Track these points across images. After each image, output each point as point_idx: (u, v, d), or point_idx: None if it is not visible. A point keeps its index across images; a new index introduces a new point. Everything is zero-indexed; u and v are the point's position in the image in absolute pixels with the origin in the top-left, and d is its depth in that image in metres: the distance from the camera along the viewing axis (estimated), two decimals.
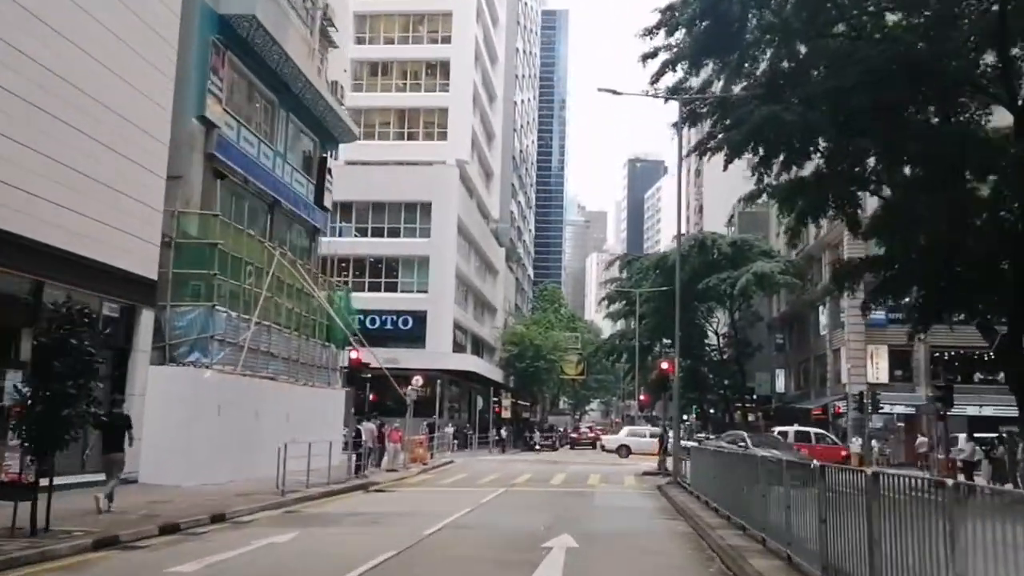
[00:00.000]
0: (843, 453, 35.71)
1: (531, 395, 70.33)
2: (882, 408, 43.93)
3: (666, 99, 24.73)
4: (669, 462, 24.56)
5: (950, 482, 5.42)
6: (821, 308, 51.68)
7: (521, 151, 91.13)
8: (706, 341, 60.54)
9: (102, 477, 13.26)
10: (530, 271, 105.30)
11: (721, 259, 53.81)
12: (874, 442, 42.06)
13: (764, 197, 31.72)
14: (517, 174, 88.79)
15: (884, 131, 22.08)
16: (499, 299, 66.35)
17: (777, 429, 41.69)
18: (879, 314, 45.60)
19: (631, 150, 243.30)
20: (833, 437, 40.72)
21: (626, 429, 51.40)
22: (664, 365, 24.50)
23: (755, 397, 61.78)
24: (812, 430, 40.04)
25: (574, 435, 63.00)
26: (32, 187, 13.56)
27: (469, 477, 23.90)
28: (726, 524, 11.68)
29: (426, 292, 47.03)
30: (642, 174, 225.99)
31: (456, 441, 44.68)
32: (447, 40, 53.79)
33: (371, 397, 44.45)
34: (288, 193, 25.18)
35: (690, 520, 12.87)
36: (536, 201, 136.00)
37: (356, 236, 48.38)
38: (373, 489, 19.84)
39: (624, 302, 59.40)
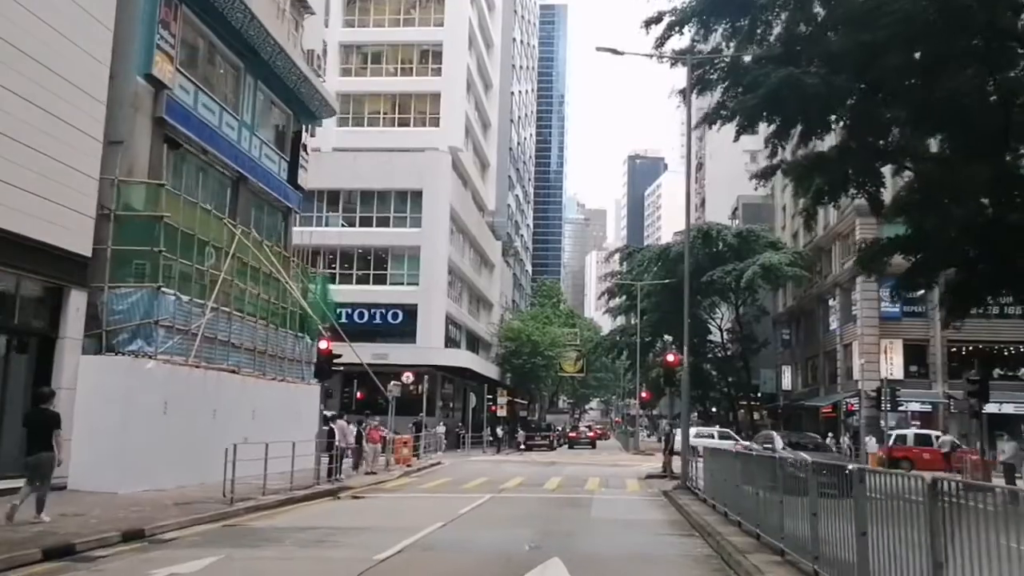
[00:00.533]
0: None
1: (528, 393, 68.04)
2: (898, 405, 41.73)
3: (673, 63, 22.47)
4: (676, 463, 22.32)
5: None
6: (831, 301, 49.44)
7: (519, 143, 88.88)
8: (709, 337, 58.31)
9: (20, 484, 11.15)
10: (528, 267, 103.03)
11: (726, 251, 51.56)
12: (870, 438, 39.80)
13: (773, 180, 29.44)
14: (515, 167, 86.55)
15: (918, 94, 19.86)
16: (495, 294, 64.08)
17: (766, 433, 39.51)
18: (893, 307, 43.47)
19: (631, 146, 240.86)
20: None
21: (693, 430, 47.38)
22: (670, 358, 22.22)
23: (759, 395, 59.58)
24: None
25: (572, 434, 60.77)
26: None
27: (454, 481, 21.63)
28: (756, 545, 9.39)
29: (417, 285, 44.76)
30: (642, 171, 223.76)
31: (447, 441, 42.51)
32: (440, 23, 51.56)
33: (358, 395, 42.28)
34: (256, 169, 22.89)
35: (710, 538, 10.59)
36: (535, 198, 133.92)
37: (344, 226, 46.15)
38: (344, 495, 17.58)
39: (625, 297, 57.14)
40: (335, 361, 19.73)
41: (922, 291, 42.83)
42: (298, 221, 47.21)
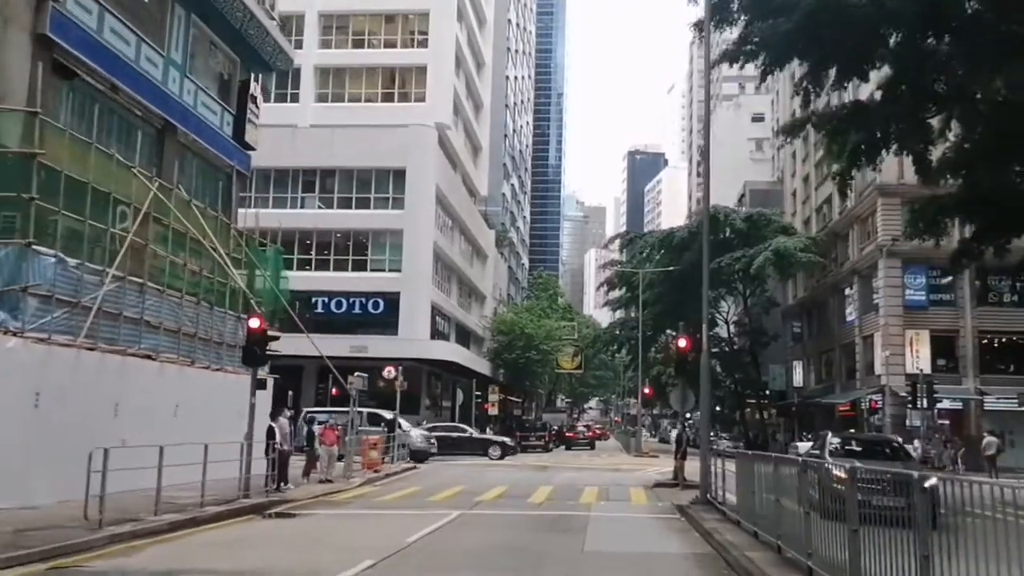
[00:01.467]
0: None
1: (524, 391, 64.30)
2: (936, 402, 38.10)
3: None
4: (687, 468, 18.70)
5: None
6: (847, 290, 45.77)
7: (514, 130, 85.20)
8: (715, 331, 54.66)
9: None
10: (525, 261, 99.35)
11: (733, 238, 47.89)
12: (916, 443, 36.16)
13: (782, 166, 25.69)
14: (510, 155, 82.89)
15: (989, 22, 16.23)
16: (488, 286, 60.40)
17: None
18: (919, 294, 39.80)
19: (630, 143, 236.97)
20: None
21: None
22: (682, 343, 18.55)
23: (767, 392, 55.88)
24: None
25: (570, 434, 57.07)
26: None
27: (423, 491, 17.96)
28: None
29: (399, 271, 41.08)
30: (642, 167, 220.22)
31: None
32: None
33: (332, 391, 38.50)
34: (189, 118, 19.20)
35: None
36: (533, 194, 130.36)
37: (320, 208, 42.50)
38: (274, 512, 13.93)
39: (625, 288, 53.40)
40: (267, 341, 15.96)
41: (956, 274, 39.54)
42: (271, 202, 43.98)
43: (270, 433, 16.90)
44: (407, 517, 13.42)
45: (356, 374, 22.49)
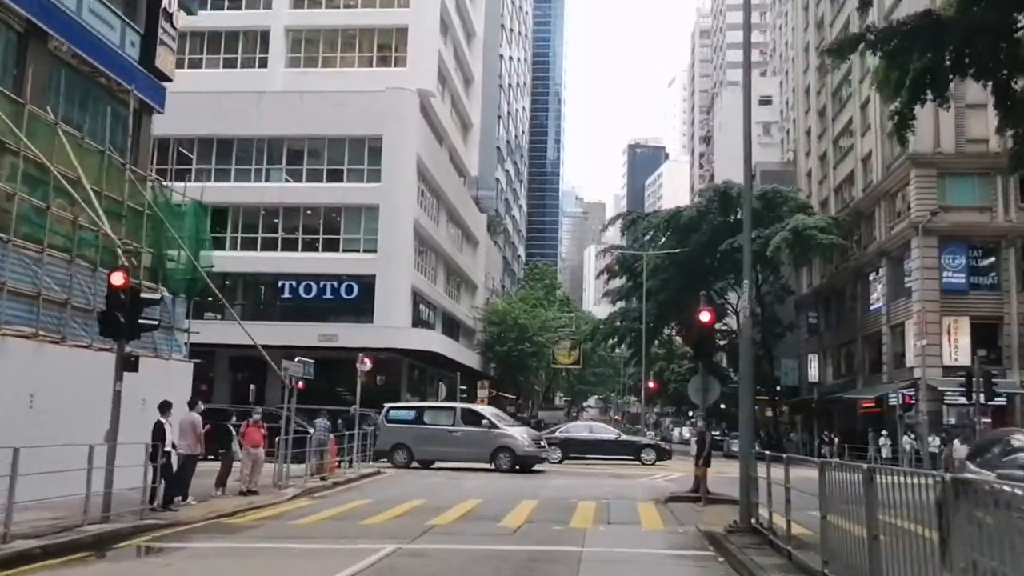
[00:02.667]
0: None
1: (517, 387, 59.94)
2: (954, 398, 33.88)
3: None
4: (709, 476, 14.40)
5: None
6: (872, 276, 41.46)
7: (509, 113, 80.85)
8: (724, 321, 50.42)
9: None
10: (521, 252, 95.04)
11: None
12: (956, 442, 31.88)
13: (794, 146, 21.35)
14: (505, 139, 78.59)
15: None
16: (479, 274, 56.09)
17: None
18: (958, 276, 35.47)
19: (629, 138, 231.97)
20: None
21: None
22: (703, 316, 14.25)
23: (779, 388, 51.59)
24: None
25: None
26: None
27: (367, 508, 13.68)
28: None
29: (375, 252, 36.74)
30: (642, 161, 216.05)
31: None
32: None
33: (299, 384, 34.09)
34: (69, 25, 14.85)
35: None
36: (531, 188, 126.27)
37: (287, 181, 38.17)
38: (143, 541, 9.69)
39: (627, 275, 49.08)
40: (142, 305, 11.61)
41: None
42: (234, 175, 39.70)
43: (157, 432, 12.62)
44: (316, 555, 9.16)
45: (298, 359, 18.20)
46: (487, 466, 23.13)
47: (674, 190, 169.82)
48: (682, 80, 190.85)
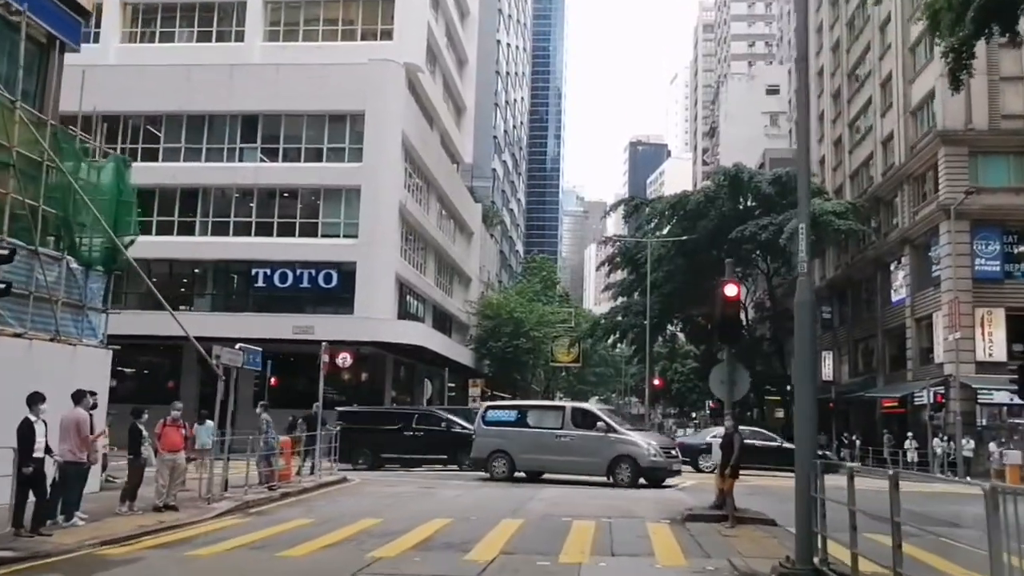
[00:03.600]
0: None
1: (514, 386, 56.88)
2: (988, 396, 30.97)
3: None
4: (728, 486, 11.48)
5: None
6: (894, 265, 38.50)
7: (507, 102, 77.95)
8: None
9: None
10: (519, 247, 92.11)
11: (755, 207, 40.61)
12: (992, 445, 29.00)
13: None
14: (503, 129, 75.73)
15: None
16: (473, 267, 53.16)
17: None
18: (992, 264, 32.49)
19: (630, 137, 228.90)
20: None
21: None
22: (729, 290, 11.33)
23: (791, 387, 48.54)
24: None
25: None
26: None
27: (306, 530, 10.73)
28: None
29: (356, 237, 33.81)
30: (644, 159, 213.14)
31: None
32: None
33: (271, 380, 31.10)
34: None
35: None
36: (532, 186, 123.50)
37: (263, 160, 35.24)
38: None
39: (629, 268, 46.05)
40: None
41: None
42: (205, 155, 36.81)
43: (24, 434, 9.69)
44: None
45: (239, 346, 15.25)
46: (603, 479, 19.01)
47: (676, 187, 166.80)
48: (684, 77, 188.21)
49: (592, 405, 26.27)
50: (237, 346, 15.08)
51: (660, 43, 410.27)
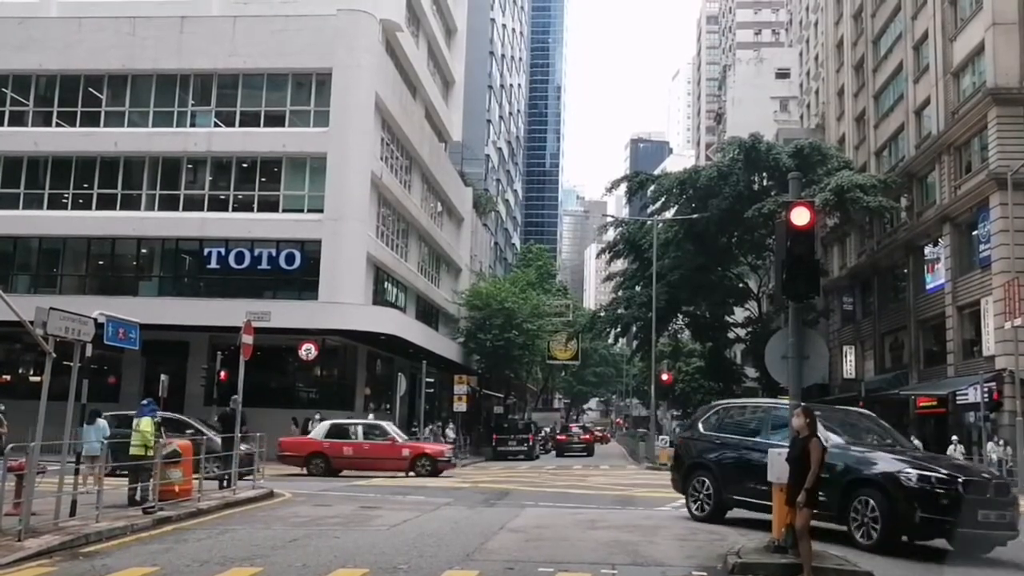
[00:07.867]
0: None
1: (507, 384, 52.63)
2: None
3: None
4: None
5: None
6: (928, 249, 34.27)
7: (502, 86, 73.76)
8: (745, 306, 43.28)
9: None
10: (516, 240, 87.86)
11: (772, 185, 36.39)
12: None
13: (826, 109, 15.50)
14: (498, 114, 71.57)
15: None
16: (463, 254, 48.96)
17: None
18: None
19: (631, 134, 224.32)
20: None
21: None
22: (799, 216, 7.18)
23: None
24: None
25: (561, 437, 45.71)
26: None
27: None
28: None
29: (321, 211, 29.61)
30: (644, 156, 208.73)
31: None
32: None
33: (220, 374, 26.83)
34: None
35: None
36: (531, 184, 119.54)
37: (217, 125, 31.07)
38: None
39: (632, 256, 41.77)
40: None
41: None
42: (152, 119, 32.52)
43: None
44: None
45: (97, 312, 11.00)
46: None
47: None
48: (686, 73, 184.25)
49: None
50: (96, 313, 10.83)
51: (661, 40, 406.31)
